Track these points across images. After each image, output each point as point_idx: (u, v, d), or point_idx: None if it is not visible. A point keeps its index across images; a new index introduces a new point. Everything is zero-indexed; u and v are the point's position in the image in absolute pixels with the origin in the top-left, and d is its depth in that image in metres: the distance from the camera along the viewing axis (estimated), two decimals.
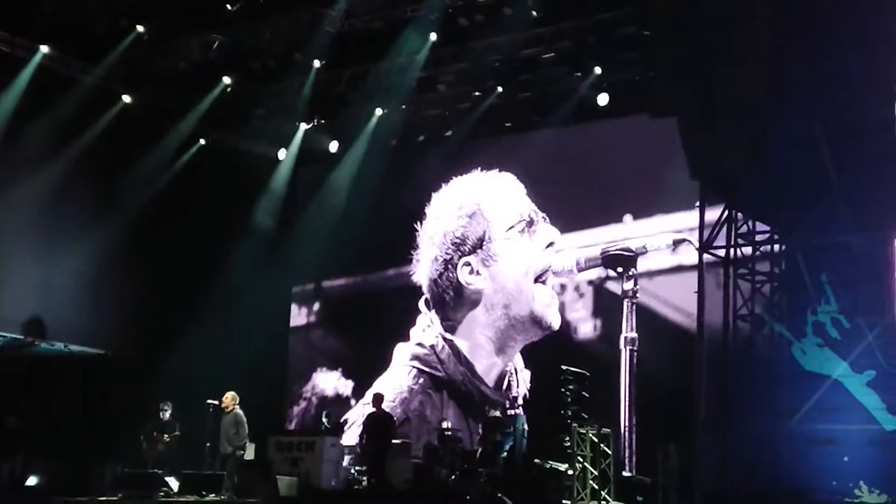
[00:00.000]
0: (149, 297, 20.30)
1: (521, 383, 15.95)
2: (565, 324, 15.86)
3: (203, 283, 20.53)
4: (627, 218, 17.26)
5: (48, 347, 19.50)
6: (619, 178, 18.26)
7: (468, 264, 16.29)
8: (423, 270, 16.99)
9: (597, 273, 15.32)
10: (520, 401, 16.02)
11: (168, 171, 20.88)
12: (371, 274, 20.31)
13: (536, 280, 15.60)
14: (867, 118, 15.07)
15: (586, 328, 15.88)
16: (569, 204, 18.50)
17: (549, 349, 15.77)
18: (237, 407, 16.99)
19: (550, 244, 15.59)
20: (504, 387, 15.95)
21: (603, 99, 18.01)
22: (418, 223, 17.36)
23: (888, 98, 14.99)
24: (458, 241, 16.40)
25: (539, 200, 18.74)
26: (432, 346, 16.25)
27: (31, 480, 17.02)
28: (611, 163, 18.56)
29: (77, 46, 19.32)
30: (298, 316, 21.64)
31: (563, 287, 16.21)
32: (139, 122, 20.27)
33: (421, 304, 17.34)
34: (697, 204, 16.29)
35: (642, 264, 15.07)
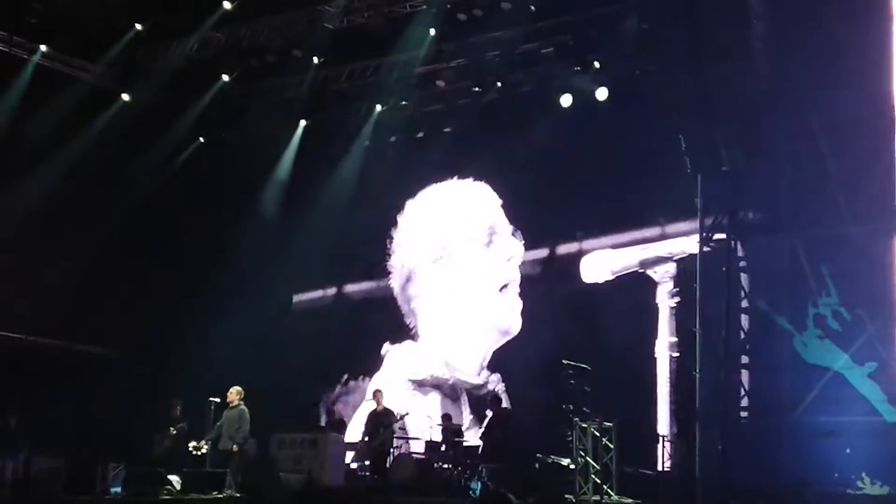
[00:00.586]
0: (151, 295, 20.31)
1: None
2: (595, 330, 15.59)
3: (205, 280, 20.50)
4: (649, 225, 17.00)
5: (50, 345, 19.52)
6: (621, 174, 18.25)
7: (430, 274, 16.10)
8: (395, 278, 17.02)
9: (630, 277, 14.85)
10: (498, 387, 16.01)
11: (167, 169, 20.88)
12: (374, 281, 20.47)
13: (500, 289, 15.36)
14: (864, 110, 15.11)
15: (618, 334, 15.51)
16: (572, 204, 18.49)
17: (580, 356, 15.58)
18: (242, 403, 16.96)
19: (511, 258, 15.29)
20: (485, 378, 15.95)
21: (602, 93, 18.07)
22: (393, 229, 17.36)
23: (884, 90, 15.02)
24: (424, 249, 16.33)
25: (537, 199, 18.89)
26: (408, 355, 16.18)
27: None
28: (612, 158, 18.54)
29: (76, 45, 19.32)
30: (309, 319, 21.57)
31: (593, 292, 15.94)
32: (138, 120, 20.26)
33: (385, 347, 17.20)
34: (698, 198, 16.33)
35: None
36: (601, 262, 14.47)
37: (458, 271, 15.89)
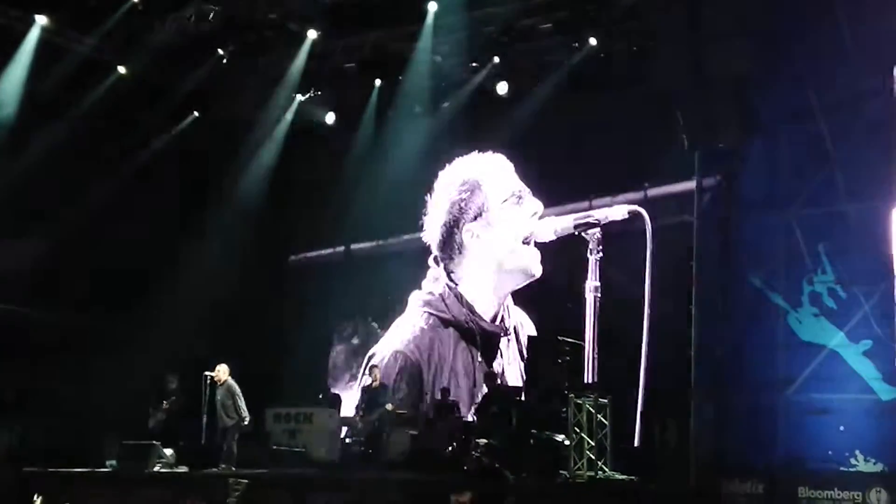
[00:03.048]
0: (145, 268, 20.28)
1: (513, 315, 18.91)
2: (546, 278, 18.57)
3: (198, 252, 20.50)
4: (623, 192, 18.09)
5: (44, 318, 19.50)
6: (614, 148, 18.36)
7: (470, 230, 19.00)
8: (432, 232, 19.37)
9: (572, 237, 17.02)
10: (511, 331, 18.79)
11: (162, 142, 20.80)
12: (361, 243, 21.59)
13: (524, 242, 18.43)
14: (862, 87, 15.05)
15: (562, 280, 18.00)
16: (562, 175, 18.94)
17: (537, 296, 18.65)
18: (229, 378, 17.09)
19: (535, 213, 18.52)
20: (498, 321, 18.76)
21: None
22: (428, 196, 19.72)
23: (883, 66, 14.95)
24: (461, 209, 19.08)
25: (534, 171, 19.45)
26: (440, 294, 18.95)
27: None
28: (607, 134, 18.62)
29: (71, 17, 19.18)
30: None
31: (544, 247, 18.61)
32: (134, 93, 20.18)
33: (430, 261, 19.55)
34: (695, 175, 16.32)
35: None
36: (547, 226, 17.63)
37: (493, 227, 18.89)
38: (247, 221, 21.17)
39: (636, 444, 16.05)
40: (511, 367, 18.88)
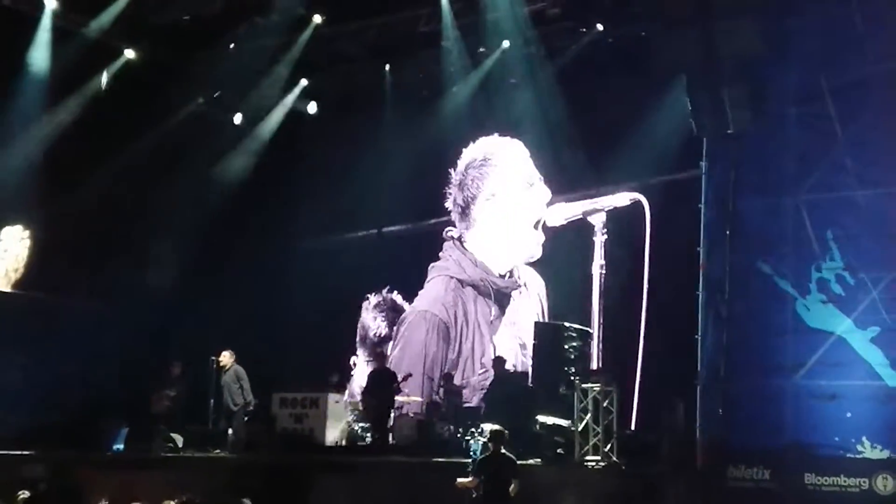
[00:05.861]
0: (154, 254, 20.31)
1: (523, 273, 20.56)
2: (554, 256, 20.13)
3: (207, 240, 20.50)
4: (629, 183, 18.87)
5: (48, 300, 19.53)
6: (623, 134, 18.31)
7: (483, 207, 20.96)
8: (453, 203, 21.07)
9: (581, 221, 19.03)
10: (523, 285, 20.46)
11: (170, 127, 20.74)
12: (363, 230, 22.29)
13: (535, 225, 20.04)
14: (872, 71, 14.95)
15: (572, 259, 19.40)
16: (570, 165, 19.28)
17: (546, 273, 20.14)
18: (235, 363, 17.16)
19: (543, 201, 19.93)
20: (508, 277, 20.64)
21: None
22: (452, 169, 21.21)
23: (893, 50, 14.84)
24: (481, 185, 21.00)
25: (541, 159, 20.12)
26: (456, 260, 21.03)
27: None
28: (615, 120, 18.59)
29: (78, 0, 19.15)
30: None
31: (555, 231, 20.03)
32: (142, 78, 20.13)
33: (444, 234, 21.25)
34: (703, 161, 16.23)
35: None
36: (558, 212, 19.51)
37: (506, 206, 20.65)
38: (252, 205, 21.22)
39: (632, 428, 16.04)
40: (525, 316, 20.25)
